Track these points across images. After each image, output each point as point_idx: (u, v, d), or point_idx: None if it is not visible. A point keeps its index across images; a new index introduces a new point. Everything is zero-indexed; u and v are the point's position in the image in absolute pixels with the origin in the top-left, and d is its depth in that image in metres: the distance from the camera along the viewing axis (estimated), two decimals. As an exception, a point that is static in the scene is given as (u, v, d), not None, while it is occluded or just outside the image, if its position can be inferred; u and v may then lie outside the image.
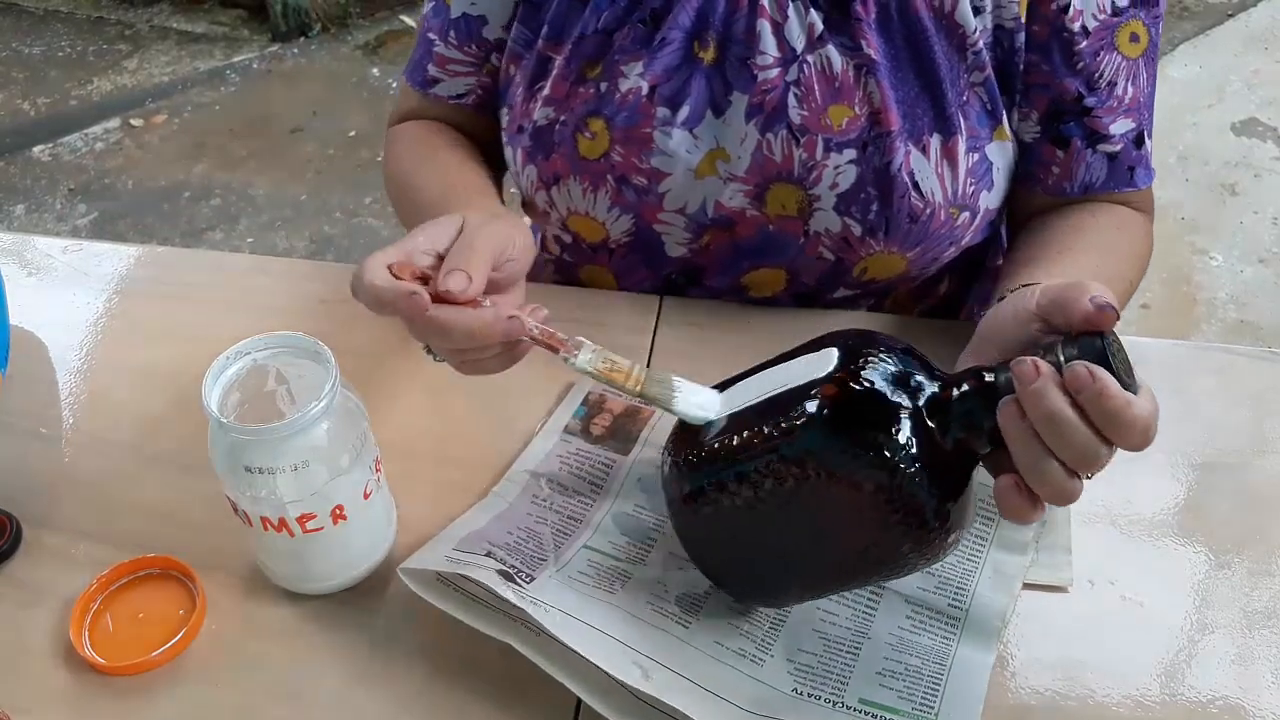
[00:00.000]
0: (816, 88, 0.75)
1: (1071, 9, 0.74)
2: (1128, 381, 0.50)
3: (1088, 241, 0.76)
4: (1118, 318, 0.52)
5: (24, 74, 3.00)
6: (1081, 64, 0.76)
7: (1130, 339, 0.80)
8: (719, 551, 0.60)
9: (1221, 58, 2.86)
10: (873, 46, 0.74)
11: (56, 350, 0.83)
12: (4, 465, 0.74)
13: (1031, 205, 0.82)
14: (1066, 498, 0.52)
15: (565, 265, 0.92)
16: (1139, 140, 0.79)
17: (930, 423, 0.53)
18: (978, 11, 0.74)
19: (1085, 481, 0.52)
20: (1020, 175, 0.81)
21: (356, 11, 3.19)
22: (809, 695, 0.58)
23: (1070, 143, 0.78)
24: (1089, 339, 0.51)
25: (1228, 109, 2.66)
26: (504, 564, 0.62)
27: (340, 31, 3.14)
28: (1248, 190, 2.40)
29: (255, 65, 3.00)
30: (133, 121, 2.78)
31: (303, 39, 3.10)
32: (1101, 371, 0.50)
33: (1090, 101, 0.77)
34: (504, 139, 0.86)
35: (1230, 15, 3.04)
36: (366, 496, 0.62)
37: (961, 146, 0.76)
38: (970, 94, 0.76)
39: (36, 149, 2.68)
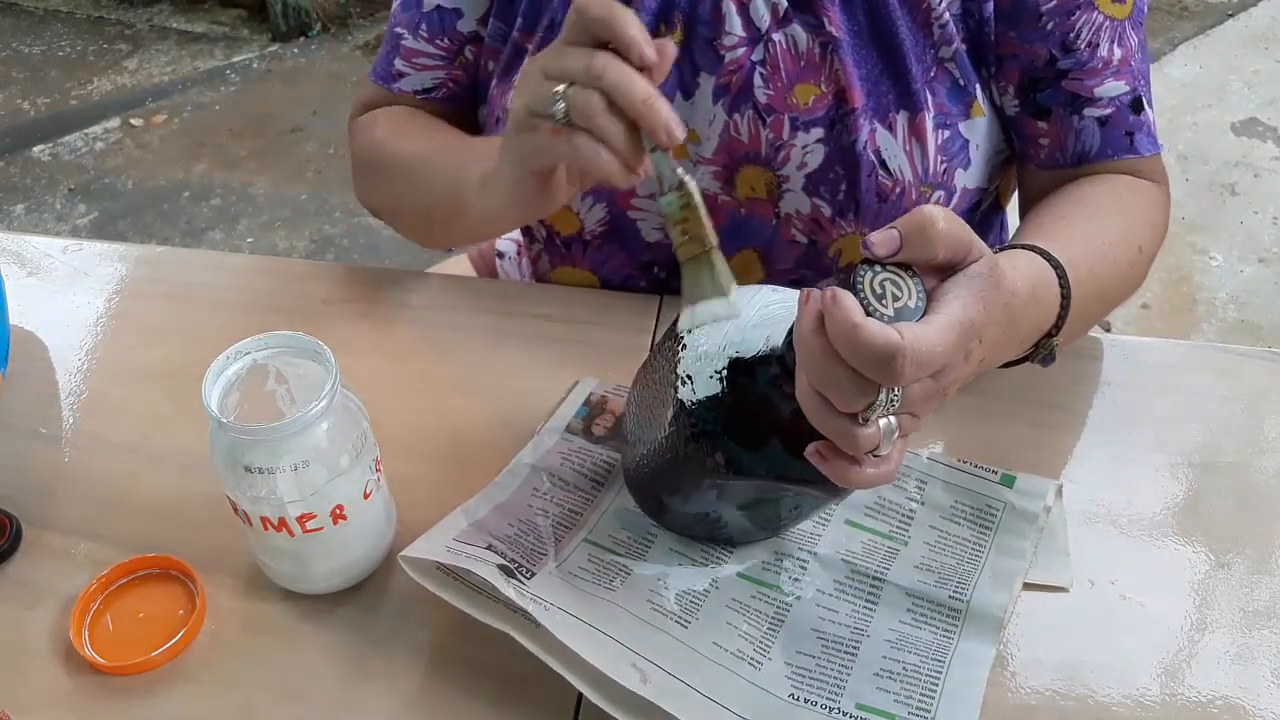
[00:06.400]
0: (782, 66, 0.75)
1: None
2: (880, 310, 0.47)
3: (1089, 210, 0.73)
4: (886, 252, 0.48)
5: (24, 74, 3.00)
6: (1051, 24, 0.73)
7: (1130, 339, 0.81)
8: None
9: (1221, 58, 2.85)
10: (835, 24, 0.74)
11: (56, 350, 0.83)
12: (4, 465, 0.74)
13: (1035, 186, 0.81)
14: (850, 443, 0.48)
15: (541, 267, 0.92)
16: (1136, 105, 0.76)
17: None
18: None
19: (883, 430, 0.48)
20: (1018, 155, 0.81)
21: (356, 11, 3.19)
22: (805, 701, 0.58)
23: (1051, 112, 0.76)
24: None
25: (1228, 109, 2.66)
26: (505, 558, 0.62)
27: (340, 31, 3.14)
28: (1248, 190, 2.40)
29: (255, 65, 3.00)
30: (133, 121, 2.78)
31: (303, 39, 3.10)
32: (842, 293, 0.46)
33: (1066, 63, 0.74)
34: (484, 135, 0.85)
35: (1230, 15, 3.04)
36: (366, 496, 0.62)
37: (929, 124, 0.75)
38: (938, 70, 0.75)
39: (36, 149, 2.68)
